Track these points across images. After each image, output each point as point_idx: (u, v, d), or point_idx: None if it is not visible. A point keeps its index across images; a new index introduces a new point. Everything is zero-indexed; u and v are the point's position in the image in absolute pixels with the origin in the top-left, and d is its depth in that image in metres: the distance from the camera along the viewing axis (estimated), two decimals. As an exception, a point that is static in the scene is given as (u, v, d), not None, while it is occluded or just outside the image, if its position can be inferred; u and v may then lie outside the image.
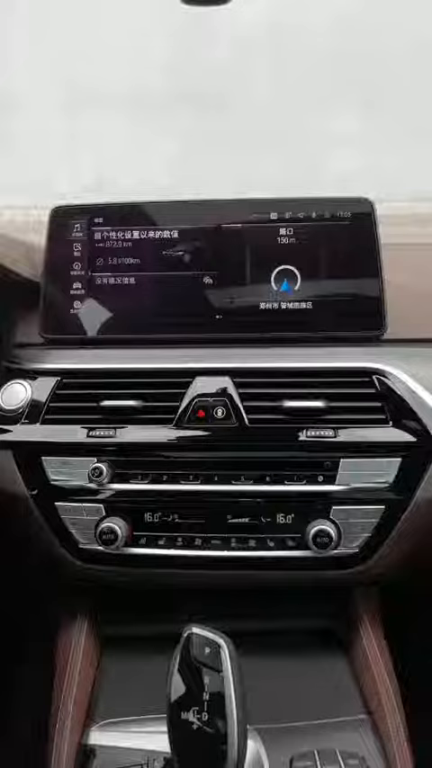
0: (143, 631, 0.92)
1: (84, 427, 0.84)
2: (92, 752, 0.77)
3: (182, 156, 1.99)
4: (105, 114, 2.08)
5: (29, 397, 0.86)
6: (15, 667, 1.24)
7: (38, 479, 0.85)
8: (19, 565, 1.03)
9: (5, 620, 1.24)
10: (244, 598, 0.90)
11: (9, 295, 0.92)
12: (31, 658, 1.19)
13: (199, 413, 0.82)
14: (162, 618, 0.87)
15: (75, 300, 0.90)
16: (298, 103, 1.85)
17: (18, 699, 1.21)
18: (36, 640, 1.06)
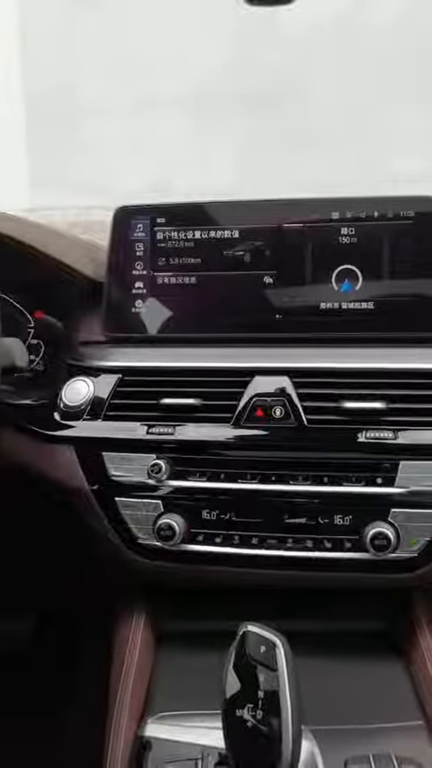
0: (199, 627, 0.92)
1: (143, 424, 0.86)
2: (147, 744, 0.78)
3: (243, 155, 2.00)
4: (167, 116, 2.10)
5: (91, 393, 0.88)
6: (74, 660, 1.26)
7: (98, 474, 0.87)
8: (79, 558, 1.06)
9: (65, 613, 1.26)
10: (299, 598, 0.89)
11: (73, 294, 0.94)
12: (89, 652, 1.21)
13: (257, 412, 0.83)
14: (217, 615, 0.88)
15: (137, 299, 0.91)
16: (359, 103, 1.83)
17: (76, 692, 1.24)
18: (94, 634, 1.08)
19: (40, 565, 1.17)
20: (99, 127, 2.20)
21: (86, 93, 2.28)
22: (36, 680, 1.24)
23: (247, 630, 0.60)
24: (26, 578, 1.20)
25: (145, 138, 2.12)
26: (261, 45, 1.95)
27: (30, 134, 2.41)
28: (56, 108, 2.40)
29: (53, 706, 1.23)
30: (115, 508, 0.87)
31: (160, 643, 0.93)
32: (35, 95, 2.44)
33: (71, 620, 1.28)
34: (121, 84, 2.20)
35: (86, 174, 2.08)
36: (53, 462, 0.89)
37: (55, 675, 1.27)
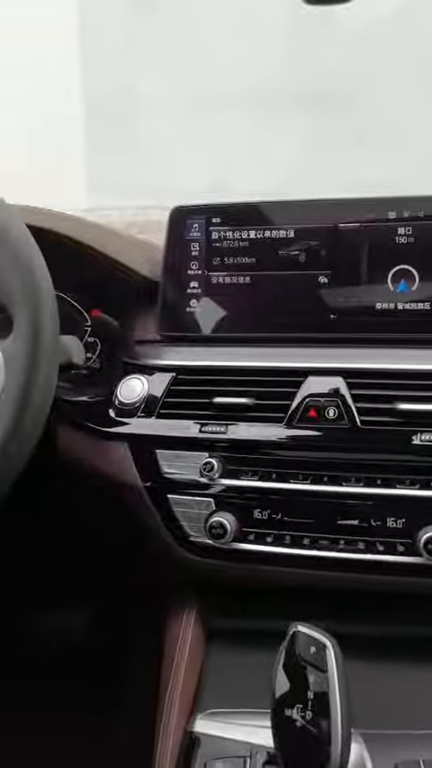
0: (248, 626, 0.93)
1: (196, 423, 0.86)
2: (196, 740, 0.78)
3: (300, 154, 1.99)
4: (225, 115, 2.11)
5: (145, 391, 0.89)
6: (125, 656, 1.28)
7: (152, 471, 0.88)
8: (130, 555, 1.07)
9: (116, 609, 1.28)
10: (350, 600, 0.89)
11: (129, 293, 0.95)
12: (140, 648, 1.23)
13: (310, 412, 0.82)
14: (267, 614, 0.88)
15: (191, 299, 0.92)
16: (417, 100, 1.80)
17: (127, 687, 1.25)
18: (145, 630, 1.09)
19: (92, 560, 1.19)
20: (157, 127, 2.22)
21: (144, 93, 2.31)
22: (88, 675, 1.27)
23: (297, 631, 0.60)
24: (79, 573, 1.22)
25: (203, 138, 2.13)
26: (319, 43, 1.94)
27: (89, 135, 2.45)
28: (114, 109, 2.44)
29: (104, 701, 1.25)
30: (168, 505, 0.88)
31: (210, 640, 0.94)
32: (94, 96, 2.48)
33: (123, 615, 1.29)
34: (179, 84, 2.22)
35: (144, 174, 2.10)
36: (107, 458, 0.90)
37: (106, 670, 1.29)
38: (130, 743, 0.91)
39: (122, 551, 1.07)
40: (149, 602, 1.05)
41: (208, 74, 2.16)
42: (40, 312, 0.71)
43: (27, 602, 1.30)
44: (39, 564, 1.21)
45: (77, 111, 2.48)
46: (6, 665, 1.25)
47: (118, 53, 2.44)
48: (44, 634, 1.32)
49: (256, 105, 2.07)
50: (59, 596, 1.29)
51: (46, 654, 1.28)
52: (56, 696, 1.22)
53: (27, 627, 1.32)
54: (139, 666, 1.11)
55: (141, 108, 2.29)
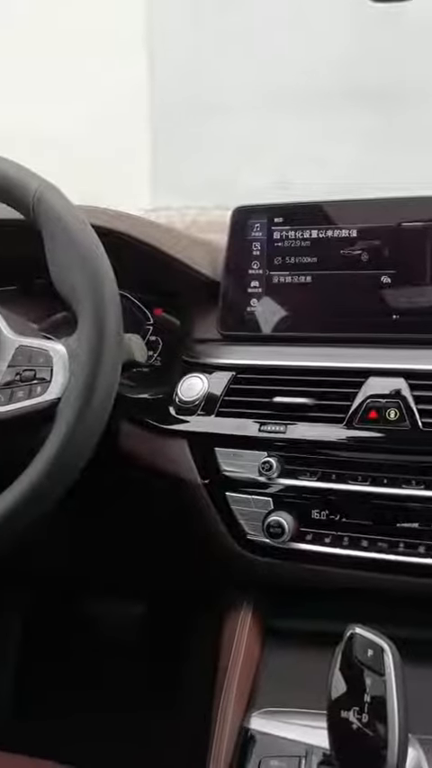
0: (305, 626, 0.92)
1: (256, 421, 0.87)
2: (251, 737, 0.79)
3: (363, 153, 1.97)
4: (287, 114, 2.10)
5: (205, 390, 0.90)
6: (182, 652, 1.29)
7: (210, 469, 0.89)
8: (187, 552, 1.08)
9: (173, 605, 1.29)
10: (408, 603, 0.88)
11: (190, 293, 0.96)
12: (196, 644, 1.24)
13: (371, 413, 0.82)
14: (324, 614, 0.88)
15: (252, 298, 0.92)
16: None
17: (183, 683, 1.26)
18: (202, 627, 1.10)
19: (149, 556, 1.20)
20: (219, 127, 2.23)
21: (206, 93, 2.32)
22: (146, 672, 1.28)
23: (355, 633, 0.60)
24: (136, 570, 1.24)
25: (265, 138, 2.13)
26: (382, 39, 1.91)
27: (154, 136, 2.47)
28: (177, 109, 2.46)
29: (161, 697, 1.26)
30: (226, 503, 0.88)
31: (267, 639, 0.94)
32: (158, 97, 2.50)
33: (180, 612, 1.31)
34: (241, 84, 2.22)
35: (206, 174, 2.11)
36: (167, 455, 0.91)
37: (164, 668, 1.30)
38: (187, 738, 0.92)
39: (179, 548, 1.08)
40: (207, 599, 1.06)
41: (270, 72, 2.16)
42: (104, 311, 0.72)
43: (86, 594, 1.33)
44: (99, 556, 1.23)
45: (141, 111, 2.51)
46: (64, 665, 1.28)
47: (184, 53, 2.46)
48: (101, 628, 1.35)
49: (319, 103, 2.06)
50: (117, 591, 1.31)
51: (104, 652, 1.30)
52: (115, 691, 1.25)
53: (87, 618, 1.35)
54: (196, 663, 1.12)
55: (203, 108, 2.30)
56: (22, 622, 1.38)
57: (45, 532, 0.75)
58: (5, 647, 1.36)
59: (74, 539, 1.20)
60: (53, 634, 1.35)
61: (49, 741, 0.82)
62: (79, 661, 1.30)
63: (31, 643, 1.37)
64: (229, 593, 0.98)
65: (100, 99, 2.49)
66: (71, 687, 1.28)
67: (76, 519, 1.13)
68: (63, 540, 1.19)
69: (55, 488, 0.70)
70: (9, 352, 0.74)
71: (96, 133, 2.43)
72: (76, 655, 1.31)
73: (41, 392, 0.71)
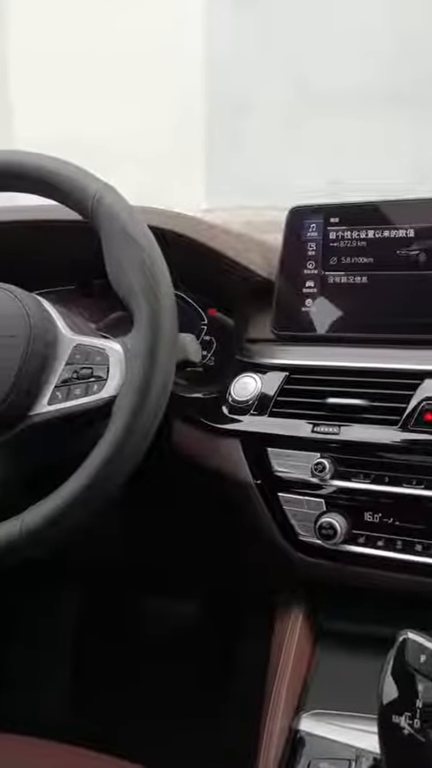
0: (356, 629, 0.92)
1: (309, 422, 0.86)
2: (301, 739, 0.79)
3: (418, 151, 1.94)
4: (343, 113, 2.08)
5: (258, 390, 0.90)
6: (232, 651, 1.30)
7: (262, 469, 0.89)
8: (238, 552, 1.08)
9: (225, 605, 1.30)
10: None
11: (245, 293, 0.97)
12: (247, 644, 1.24)
13: (426, 416, 0.81)
14: (375, 618, 0.87)
15: (307, 299, 0.92)
16: None
17: (234, 683, 1.27)
18: (253, 627, 1.10)
19: (201, 555, 1.21)
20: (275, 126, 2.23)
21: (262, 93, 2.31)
22: (196, 671, 1.29)
23: (407, 638, 0.59)
24: (188, 568, 1.25)
25: (321, 137, 2.12)
26: None
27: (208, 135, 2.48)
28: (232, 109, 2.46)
29: (212, 696, 1.27)
30: (278, 503, 0.88)
31: (318, 641, 0.94)
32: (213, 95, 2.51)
33: (231, 611, 1.31)
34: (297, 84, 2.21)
35: (262, 174, 2.11)
36: (220, 454, 0.92)
37: (215, 668, 1.31)
38: (236, 738, 0.92)
39: (231, 547, 1.09)
40: (257, 600, 1.06)
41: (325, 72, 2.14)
42: (159, 311, 0.73)
43: (139, 592, 1.35)
44: (151, 553, 1.25)
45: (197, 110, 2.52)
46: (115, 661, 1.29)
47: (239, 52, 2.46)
48: (153, 627, 1.36)
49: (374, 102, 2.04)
50: (169, 589, 1.32)
51: (155, 651, 1.32)
52: (166, 690, 1.26)
53: (139, 616, 1.37)
54: (247, 664, 1.12)
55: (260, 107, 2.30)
56: (76, 620, 1.40)
57: (100, 528, 0.76)
58: (60, 644, 1.39)
59: (128, 535, 1.22)
60: (106, 632, 1.37)
61: (104, 738, 0.83)
62: (131, 660, 1.32)
63: (85, 641, 1.39)
64: (280, 594, 0.98)
65: (155, 99, 2.51)
66: (123, 686, 1.30)
67: (131, 515, 1.15)
68: (117, 536, 1.20)
69: (109, 485, 0.71)
70: (67, 351, 0.75)
71: (152, 133, 2.46)
72: (128, 654, 1.33)
73: (98, 390, 0.73)
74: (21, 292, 0.78)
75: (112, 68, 2.56)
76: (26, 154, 0.80)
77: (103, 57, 2.56)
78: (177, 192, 2.06)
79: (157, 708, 1.23)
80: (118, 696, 1.28)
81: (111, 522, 0.88)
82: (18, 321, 0.75)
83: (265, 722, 0.84)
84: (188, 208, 1.05)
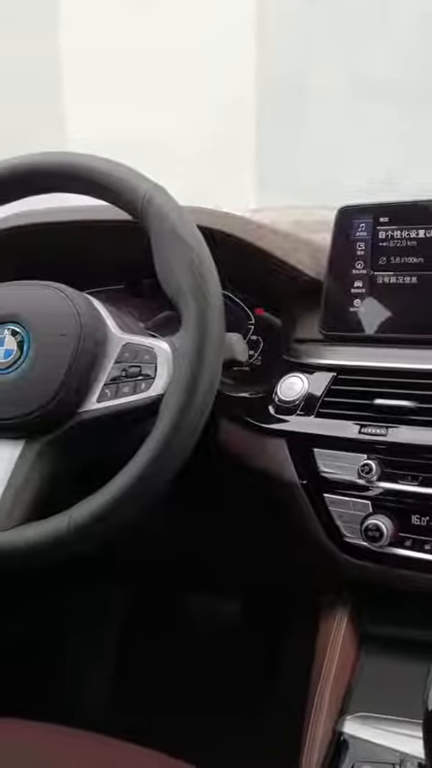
0: (401, 633, 0.91)
1: (356, 423, 0.86)
2: (345, 742, 0.78)
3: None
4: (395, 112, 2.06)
5: (305, 390, 0.90)
6: (277, 652, 1.30)
7: (308, 469, 0.88)
8: (284, 552, 1.08)
9: (269, 605, 1.30)
10: None
11: (293, 292, 0.96)
12: (292, 645, 1.24)
13: None
14: (421, 622, 0.86)
15: (355, 299, 0.91)
16: None
17: (278, 684, 1.27)
18: (298, 628, 1.10)
19: (246, 555, 1.21)
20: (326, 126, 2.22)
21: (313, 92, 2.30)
22: (240, 671, 1.29)
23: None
24: (233, 567, 1.25)
25: (371, 136, 2.10)
26: None
27: (258, 135, 2.48)
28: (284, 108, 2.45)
29: (254, 697, 1.27)
30: (323, 504, 0.88)
31: (362, 644, 0.93)
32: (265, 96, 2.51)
33: (274, 612, 1.31)
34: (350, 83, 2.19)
35: (312, 173, 2.10)
36: (266, 454, 0.92)
37: (258, 668, 1.31)
38: (279, 738, 0.92)
39: (276, 546, 1.09)
40: (302, 600, 1.06)
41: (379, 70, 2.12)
42: (207, 310, 0.73)
43: (184, 589, 1.35)
44: (197, 550, 1.25)
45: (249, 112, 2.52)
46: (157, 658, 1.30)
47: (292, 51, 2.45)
48: (197, 626, 1.37)
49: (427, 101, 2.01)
50: (213, 587, 1.33)
51: (199, 649, 1.32)
52: (209, 688, 1.26)
53: (183, 614, 1.38)
54: (291, 664, 1.12)
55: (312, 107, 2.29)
56: (123, 616, 1.42)
57: (147, 525, 0.77)
58: (107, 639, 1.41)
59: (174, 532, 1.23)
60: (151, 629, 1.38)
61: (146, 733, 0.84)
62: (175, 657, 1.33)
63: (130, 637, 1.41)
64: (325, 596, 0.98)
65: (205, 99, 2.52)
66: (166, 682, 1.31)
67: (178, 513, 1.15)
68: (164, 534, 1.21)
69: (156, 482, 0.72)
70: (116, 349, 0.76)
71: (202, 134, 2.47)
72: (172, 651, 1.34)
73: (146, 388, 0.73)
74: (71, 291, 0.80)
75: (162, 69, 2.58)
76: (78, 155, 0.81)
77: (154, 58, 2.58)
78: (226, 192, 2.07)
79: (200, 705, 1.24)
80: (161, 692, 1.29)
81: (158, 520, 0.89)
82: (69, 320, 0.76)
83: (308, 723, 0.84)
84: (237, 207, 1.05)
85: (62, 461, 0.78)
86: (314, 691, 0.87)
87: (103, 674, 1.39)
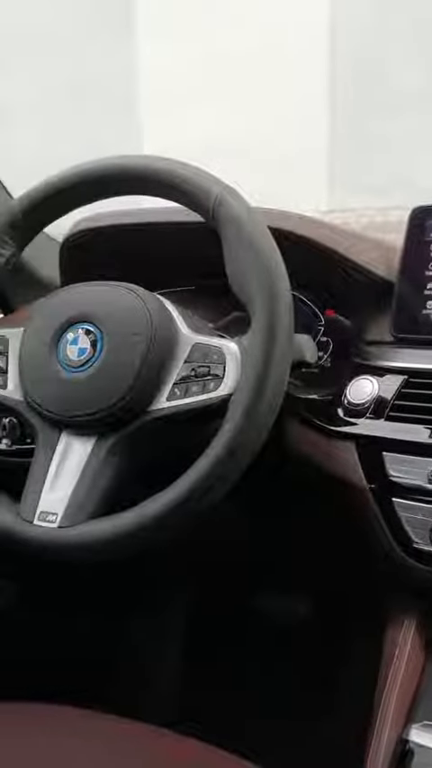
0: None
1: (426, 427, 0.84)
2: (410, 750, 0.77)
3: None
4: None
5: (375, 393, 0.89)
6: (342, 658, 1.28)
7: (377, 473, 0.87)
8: (350, 556, 1.07)
9: (336, 608, 1.29)
10: None
11: (364, 294, 0.96)
12: (357, 652, 1.22)
13: None
14: None
15: (428, 301, 0.90)
16: None
17: (342, 690, 1.26)
18: (364, 634, 1.09)
19: (312, 557, 1.20)
20: (400, 125, 2.18)
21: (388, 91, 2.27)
22: (306, 674, 1.29)
23: None
24: (298, 570, 1.24)
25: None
26: None
27: (331, 135, 2.47)
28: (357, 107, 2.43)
29: (319, 701, 1.26)
30: (392, 509, 0.86)
31: (430, 651, 0.91)
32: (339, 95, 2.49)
33: (342, 616, 1.30)
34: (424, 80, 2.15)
35: (386, 174, 2.07)
36: (334, 457, 0.91)
37: (323, 673, 1.30)
38: (343, 744, 0.91)
39: (344, 551, 1.08)
40: (369, 605, 1.04)
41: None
42: (276, 312, 0.73)
43: (251, 588, 1.36)
44: (263, 552, 1.25)
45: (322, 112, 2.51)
46: None
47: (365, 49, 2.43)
48: (264, 629, 1.37)
49: None
50: (280, 588, 1.32)
51: (266, 652, 1.32)
52: (275, 691, 1.26)
53: (251, 612, 1.38)
54: (356, 671, 1.11)
55: (385, 106, 2.26)
56: (190, 617, 1.43)
57: (214, 525, 0.78)
58: (173, 641, 1.42)
59: (241, 533, 1.23)
60: (216, 629, 1.39)
61: (212, 736, 0.85)
62: (239, 658, 1.33)
63: (197, 639, 1.42)
64: (393, 601, 0.96)
65: (280, 101, 2.52)
66: (230, 684, 1.31)
67: (245, 513, 1.16)
68: (231, 534, 1.22)
69: (223, 481, 0.73)
70: (186, 350, 0.77)
71: (275, 135, 2.47)
72: (237, 652, 1.34)
73: (214, 388, 0.74)
74: (144, 292, 0.81)
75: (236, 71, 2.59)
76: (150, 158, 0.82)
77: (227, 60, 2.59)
78: (298, 193, 2.07)
79: (265, 707, 1.24)
80: (225, 694, 1.29)
81: (225, 520, 0.89)
82: (141, 320, 0.78)
83: (373, 730, 0.83)
84: (308, 208, 1.04)
85: (131, 459, 0.79)
86: (380, 698, 0.86)
87: (170, 674, 1.40)
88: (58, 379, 0.79)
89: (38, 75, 3.22)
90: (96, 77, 2.91)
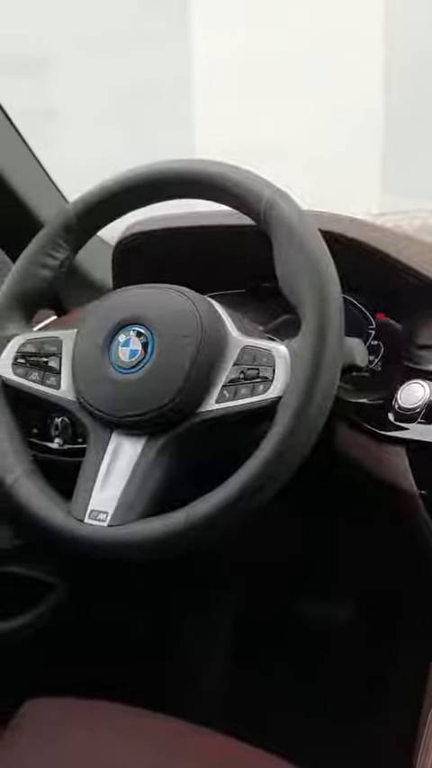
0: None
1: None
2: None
3: None
4: None
5: (427, 397, 0.88)
6: (389, 661, 1.27)
7: (428, 479, 0.86)
8: (398, 562, 1.06)
9: (382, 612, 1.28)
10: None
11: (416, 298, 0.95)
12: (405, 654, 1.21)
13: None
14: None
15: None
16: None
17: (390, 694, 1.24)
18: (412, 637, 1.07)
19: (361, 561, 1.19)
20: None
21: None
22: (350, 677, 1.28)
23: None
24: (347, 572, 1.23)
25: None
26: None
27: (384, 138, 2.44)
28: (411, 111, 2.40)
29: (368, 701, 1.25)
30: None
31: None
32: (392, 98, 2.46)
33: (389, 620, 1.28)
34: None
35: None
36: (384, 462, 0.91)
37: (369, 675, 1.29)
38: (392, 745, 0.90)
39: (392, 555, 1.07)
40: (416, 611, 1.03)
41: None
42: (327, 315, 0.73)
43: (297, 590, 1.35)
44: (310, 554, 1.25)
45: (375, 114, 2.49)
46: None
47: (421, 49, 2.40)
48: (310, 628, 1.36)
49: None
50: (327, 590, 1.32)
51: (312, 652, 1.32)
52: (322, 692, 1.25)
53: (296, 617, 1.37)
54: (404, 672, 1.10)
55: None
56: (236, 618, 1.43)
57: (263, 525, 0.78)
58: (218, 641, 1.43)
59: (289, 534, 1.23)
60: (263, 631, 1.39)
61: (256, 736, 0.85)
62: (284, 658, 1.33)
63: (242, 639, 1.42)
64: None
65: (333, 103, 2.51)
66: (275, 684, 1.31)
67: (293, 515, 1.16)
68: (279, 535, 1.22)
69: (273, 481, 0.73)
70: (235, 352, 0.78)
71: (328, 138, 2.46)
72: (282, 652, 1.34)
73: (264, 390, 0.74)
74: (194, 295, 0.82)
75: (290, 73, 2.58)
76: (202, 161, 0.83)
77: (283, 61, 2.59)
78: (350, 196, 2.05)
79: (310, 708, 1.23)
80: (267, 694, 1.29)
81: (274, 520, 0.89)
82: (191, 322, 0.79)
83: (423, 731, 0.82)
84: (360, 212, 1.04)
85: (180, 459, 0.80)
86: (429, 704, 0.85)
87: (216, 674, 1.41)
88: (109, 379, 0.80)
89: (93, 78, 3.27)
90: (151, 81, 2.94)
